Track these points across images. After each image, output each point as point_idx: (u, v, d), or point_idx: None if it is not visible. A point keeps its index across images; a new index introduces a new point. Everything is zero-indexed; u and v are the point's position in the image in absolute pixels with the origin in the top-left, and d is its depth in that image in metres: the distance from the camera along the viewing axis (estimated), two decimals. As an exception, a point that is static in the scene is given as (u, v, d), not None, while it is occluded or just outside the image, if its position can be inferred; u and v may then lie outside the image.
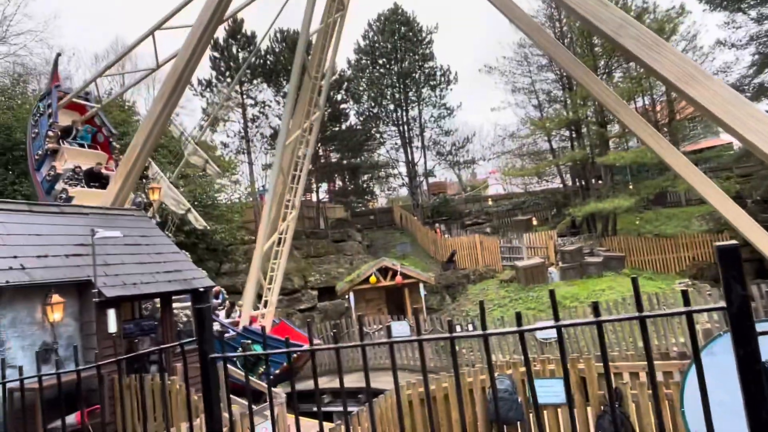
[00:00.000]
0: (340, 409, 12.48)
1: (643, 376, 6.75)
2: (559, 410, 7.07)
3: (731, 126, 6.73)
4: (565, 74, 30.50)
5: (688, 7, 29.03)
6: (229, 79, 29.40)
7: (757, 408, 1.53)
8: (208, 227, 15.53)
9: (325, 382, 15.25)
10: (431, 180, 42.31)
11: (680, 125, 30.76)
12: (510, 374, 7.25)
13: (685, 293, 1.67)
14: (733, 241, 1.57)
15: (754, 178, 22.85)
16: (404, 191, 40.29)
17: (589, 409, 6.96)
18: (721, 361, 3.00)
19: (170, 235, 17.57)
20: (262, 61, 29.84)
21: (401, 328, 15.38)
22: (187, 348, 3.09)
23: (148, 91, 35.02)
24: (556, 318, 1.83)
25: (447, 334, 2.06)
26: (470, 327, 15.28)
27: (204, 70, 34.11)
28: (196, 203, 20.20)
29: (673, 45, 30.90)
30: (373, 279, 20.75)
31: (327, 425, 9.20)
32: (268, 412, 9.03)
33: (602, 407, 6.55)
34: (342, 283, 22.83)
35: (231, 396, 10.04)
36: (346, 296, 21.54)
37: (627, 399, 6.61)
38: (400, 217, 34.45)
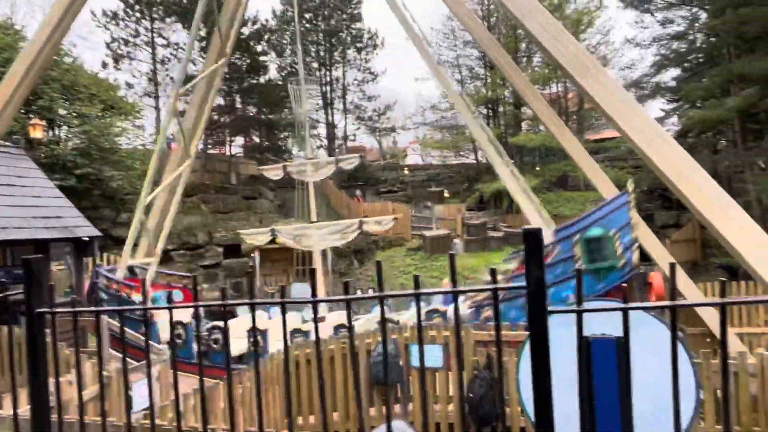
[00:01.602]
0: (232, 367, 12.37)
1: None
2: (436, 374, 7.48)
3: (616, 121, 7.19)
4: (486, 53, 31.09)
5: (605, 2, 30.53)
6: (138, 14, 27.02)
7: (540, 379, 1.67)
8: (390, 223, 13.80)
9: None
10: (351, 144, 42.08)
11: (587, 114, 32.73)
12: (394, 338, 7.52)
13: (493, 271, 1.77)
14: (537, 226, 1.67)
15: (641, 170, 24.90)
16: (323, 153, 39.74)
17: (464, 373, 7.41)
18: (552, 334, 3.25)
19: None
20: (178, -1, 27.67)
21: (303, 289, 15.41)
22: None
23: (44, 14, 31.38)
24: (454, 283, 1.82)
25: (343, 297, 2.01)
26: (370, 291, 15.62)
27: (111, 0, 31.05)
28: (89, 145, 18.66)
29: (589, 37, 32.54)
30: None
31: (211, 382, 9.08)
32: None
33: (474, 371, 7.00)
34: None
35: (111, 351, 9.59)
36: (252, 255, 21.15)
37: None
38: (316, 179, 34.05)
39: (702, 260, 22.58)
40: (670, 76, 27.25)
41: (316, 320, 2.16)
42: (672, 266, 1.63)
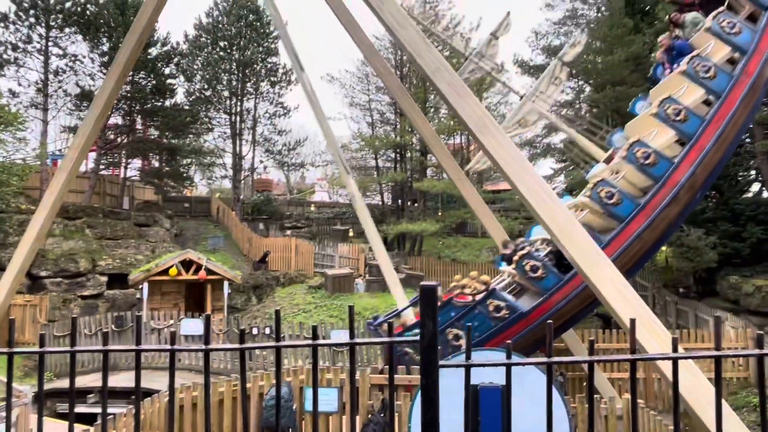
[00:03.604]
0: (109, 410, 11.25)
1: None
2: (330, 417, 7.34)
3: (508, 175, 7.75)
4: (396, 100, 32.43)
5: (506, 66, 33.33)
6: (32, 19, 25.01)
7: (429, 428, 1.73)
8: None
9: (93, 380, 13.64)
10: (258, 176, 41.29)
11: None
12: (289, 381, 7.31)
13: (390, 325, 1.83)
14: (434, 282, 1.76)
15: (532, 222, 26.89)
16: (227, 183, 38.60)
17: (357, 417, 7.35)
18: (443, 383, 3.36)
19: None
20: (80, 9, 26.04)
21: (194, 326, 14.55)
22: None
23: None
24: (352, 335, 1.82)
25: (237, 346, 1.92)
26: (267, 330, 15.12)
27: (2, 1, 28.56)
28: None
29: (491, 96, 35.19)
30: (173, 271, 19.32)
31: (82, 428, 8.20)
32: (3, 413, 7.72)
33: (368, 415, 6.98)
34: (137, 271, 20.81)
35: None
36: (140, 287, 19.67)
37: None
38: (218, 210, 32.87)
39: (581, 308, 24.53)
40: (558, 138, 30.10)
41: (208, 369, 2.08)
42: (549, 326, 1.79)
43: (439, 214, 33.01)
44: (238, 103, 33.73)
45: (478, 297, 9.64)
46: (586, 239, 7.35)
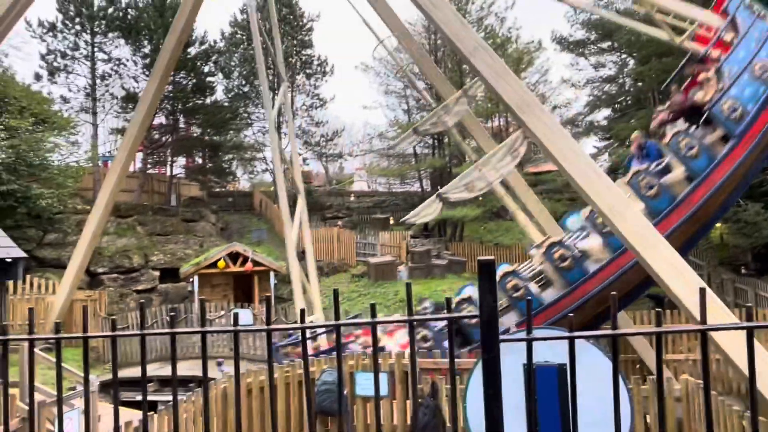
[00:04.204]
0: (166, 398, 11.77)
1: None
2: (381, 402, 7.42)
3: (553, 154, 7.56)
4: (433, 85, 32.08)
5: (544, 44, 32.40)
6: (78, 27, 26.01)
7: (491, 405, 1.72)
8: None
9: (153, 369, 14.27)
10: (300, 168, 41.78)
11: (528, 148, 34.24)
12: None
13: (448, 300, 1.82)
14: (490, 256, 1.74)
15: (576, 203, 26.19)
16: (268, 176, 39.31)
17: (408, 402, 7.42)
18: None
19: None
20: (121, 14, 26.91)
21: (244, 316, 14.97)
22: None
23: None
24: (410, 311, 1.85)
25: (298, 325, 1.97)
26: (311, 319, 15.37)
27: (49, 10, 29.82)
28: (17, 160, 17.58)
29: (529, 76, 34.32)
30: (221, 264, 19.92)
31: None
32: (75, 401, 8.19)
33: (419, 400, 7.01)
34: (187, 265, 21.56)
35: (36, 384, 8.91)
36: (191, 280, 20.37)
37: (442, 392, 7.16)
38: (260, 203, 33.53)
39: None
40: (602, 115, 29.13)
41: (270, 350, 2.13)
42: (613, 296, 1.74)
43: (480, 199, 32.60)
44: (276, 98, 34.13)
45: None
46: (639, 218, 7.11)
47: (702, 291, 1.70)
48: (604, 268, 9.17)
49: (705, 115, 9.83)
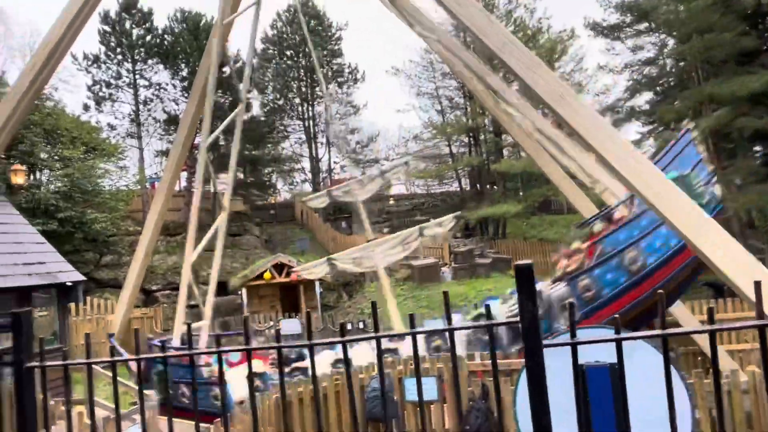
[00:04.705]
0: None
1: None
2: (432, 407, 7.38)
3: (593, 146, 7.35)
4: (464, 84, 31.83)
5: (577, 31, 31.57)
6: (119, 56, 27.22)
7: (539, 413, 1.68)
8: (452, 223, 12.93)
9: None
10: (337, 176, 42.28)
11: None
12: (388, 372, 7.43)
13: (487, 307, 1.79)
14: (528, 261, 1.71)
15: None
16: (307, 187, 39.91)
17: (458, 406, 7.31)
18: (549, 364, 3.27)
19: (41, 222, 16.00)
20: (159, 40, 27.98)
21: (292, 326, 15.23)
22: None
23: (23, 61, 31.46)
24: (449, 320, 1.84)
25: (339, 339, 2.00)
26: (361, 324, 15.49)
27: (92, 43, 31.30)
28: (72, 188, 18.50)
29: (563, 65, 33.50)
30: (267, 275, 20.33)
31: (203, 426, 8.84)
32: (137, 416, 8.50)
33: (470, 403, 6.92)
34: (235, 278, 22.11)
35: (96, 400, 9.32)
36: (239, 292, 20.89)
37: (493, 395, 7.05)
38: (301, 213, 34.06)
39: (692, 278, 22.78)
40: (643, 99, 28.09)
41: (314, 362, 2.15)
42: (661, 295, 1.67)
43: (520, 194, 32.04)
44: (310, 108, 34.72)
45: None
46: (688, 203, 6.81)
47: (757, 285, 1.61)
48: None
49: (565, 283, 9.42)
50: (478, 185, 34.21)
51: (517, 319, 1.68)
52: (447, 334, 1.79)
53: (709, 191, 8.53)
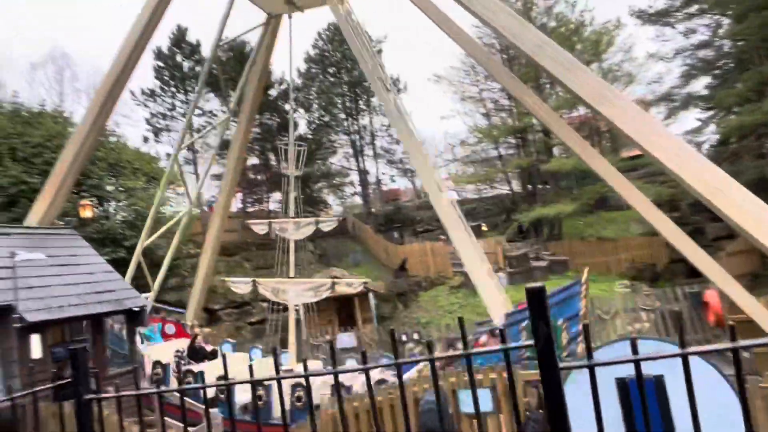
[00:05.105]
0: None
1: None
2: (488, 419, 7.28)
3: (640, 143, 7.13)
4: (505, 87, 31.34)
5: (623, 21, 30.49)
6: (173, 89, 28.74)
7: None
8: (360, 286, 14.61)
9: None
10: (386, 187, 42.59)
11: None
12: (441, 385, 7.41)
13: (501, 332, 1.81)
14: (540, 283, 1.71)
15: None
16: (357, 199, 40.41)
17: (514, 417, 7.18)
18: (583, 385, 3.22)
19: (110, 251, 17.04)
20: (208, 70, 29.29)
21: (348, 339, 15.43)
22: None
23: (89, 101, 33.81)
24: (465, 346, 1.86)
25: (393, 361, 2.04)
26: (416, 336, 15.48)
27: (147, 79, 33.24)
28: (137, 217, 19.62)
29: (611, 56, 32.38)
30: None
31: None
32: (203, 434, 8.87)
33: (526, 413, 6.79)
34: (292, 294, 22.62)
35: (167, 419, 9.81)
36: (296, 308, 21.34)
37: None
38: (353, 226, 34.51)
39: (763, 271, 21.34)
40: (701, 84, 26.70)
41: (370, 385, 2.15)
42: (732, 328, 1.62)
43: (574, 192, 31.08)
44: (355, 122, 35.23)
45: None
46: (742, 192, 6.45)
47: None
48: None
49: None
50: (529, 186, 33.51)
51: (532, 342, 1.69)
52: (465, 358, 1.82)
53: (571, 348, 8.15)
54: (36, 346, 8.30)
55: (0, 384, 8.11)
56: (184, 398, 2.48)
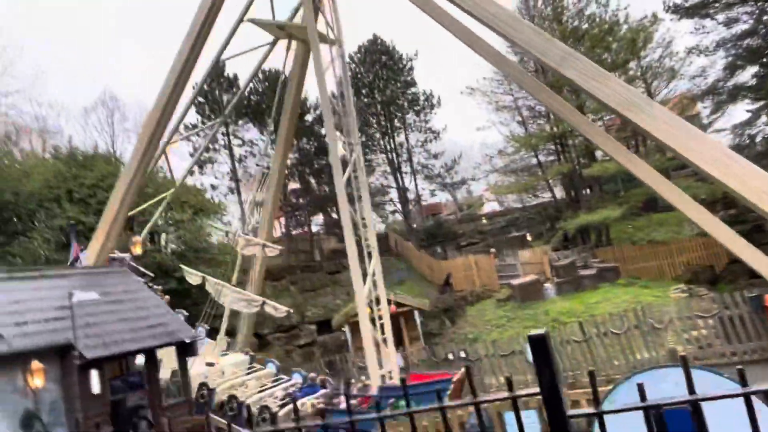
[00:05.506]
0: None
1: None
2: (536, 440, 7.12)
3: (676, 149, 6.94)
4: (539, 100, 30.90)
5: (659, 15, 29.58)
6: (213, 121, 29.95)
7: (571, 486, 1.65)
8: (284, 312, 15.95)
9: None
10: (426, 202, 42.53)
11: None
12: (485, 408, 7.31)
13: (509, 380, 1.81)
14: (542, 330, 1.72)
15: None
16: (398, 216, 40.52)
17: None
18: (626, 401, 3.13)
19: (160, 283, 17.73)
20: (245, 101, 30.38)
21: (395, 359, 15.41)
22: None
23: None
24: (474, 393, 1.90)
25: (437, 406, 2.05)
26: (462, 353, 15.29)
27: (190, 115, 34.69)
28: (186, 248, 20.39)
29: (650, 53, 31.44)
30: (367, 310, 20.74)
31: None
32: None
33: (576, 435, 6.61)
34: (338, 316, 22.83)
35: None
36: (343, 329, 21.53)
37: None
38: (395, 243, 34.57)
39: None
40: (748, 74, 25.48)
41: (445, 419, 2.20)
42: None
43: (621, 195, 30.11)
44: (391, 140, 35.51)
45: None
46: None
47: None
48: None
49: None
50: (572, 192, 32.72)
51: (537, 390, 1.69)
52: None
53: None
54: (95, 382, 8.71)
55: (63, 418, 8.55)
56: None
